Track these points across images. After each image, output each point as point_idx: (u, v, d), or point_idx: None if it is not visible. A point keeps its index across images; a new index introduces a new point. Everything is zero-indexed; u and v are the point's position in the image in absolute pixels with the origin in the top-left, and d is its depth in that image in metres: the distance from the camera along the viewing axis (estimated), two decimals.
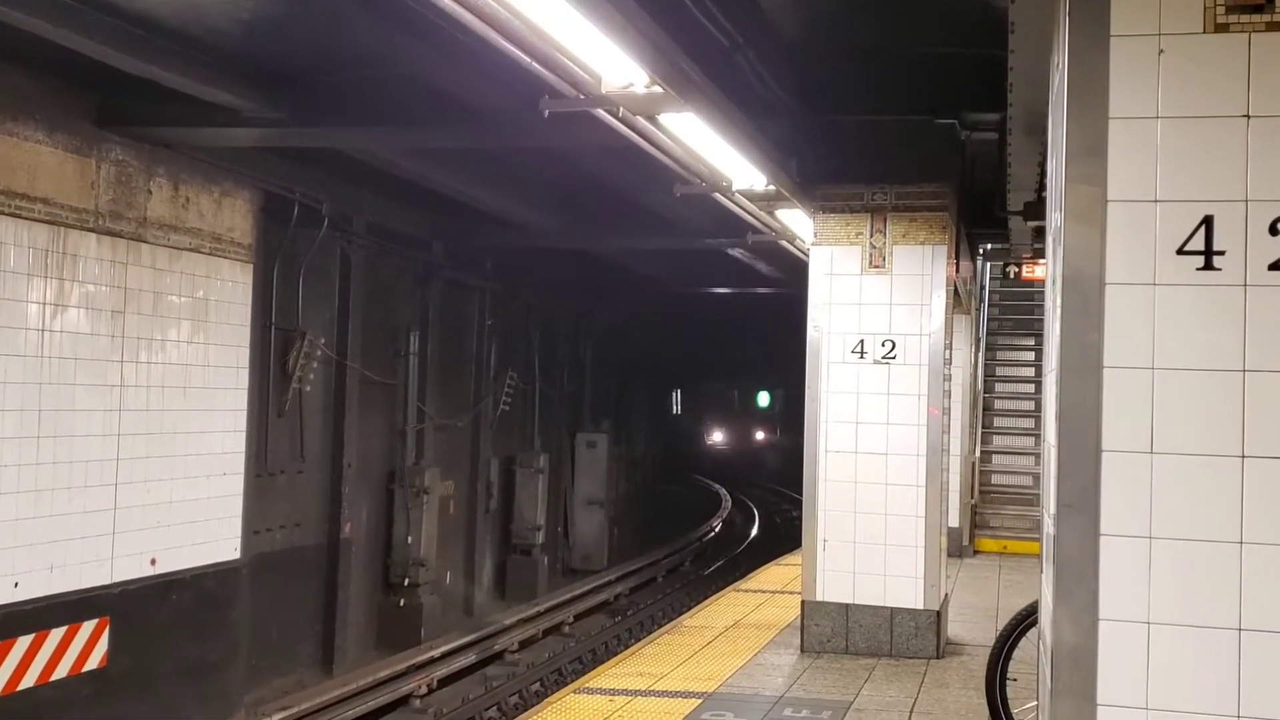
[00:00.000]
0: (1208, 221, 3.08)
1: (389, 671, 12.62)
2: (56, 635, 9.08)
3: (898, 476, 8.58)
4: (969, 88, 8.29)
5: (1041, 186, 9.02)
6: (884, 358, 8.61)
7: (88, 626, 9.38)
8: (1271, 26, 3.08)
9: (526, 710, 8.88)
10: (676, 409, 44.12)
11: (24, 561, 8.76)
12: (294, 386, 12.44)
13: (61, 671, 9.15)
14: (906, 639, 8.62)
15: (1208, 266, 3.08)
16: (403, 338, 15.21)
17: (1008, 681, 6.05)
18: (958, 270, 10.16)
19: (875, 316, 8.65)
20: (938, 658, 8.61)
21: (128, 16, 7.83)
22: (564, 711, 7.17)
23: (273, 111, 9.21)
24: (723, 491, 36.42)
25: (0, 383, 8.57)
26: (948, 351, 8.85)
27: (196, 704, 10.61)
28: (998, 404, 17.36)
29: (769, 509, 33.03)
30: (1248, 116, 3.08)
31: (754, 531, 29.25)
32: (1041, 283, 16.49)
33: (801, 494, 8.82)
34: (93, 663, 9.44)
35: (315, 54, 9.01)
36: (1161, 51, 3.12)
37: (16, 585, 8.70)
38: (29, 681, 8.87)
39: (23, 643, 8.81)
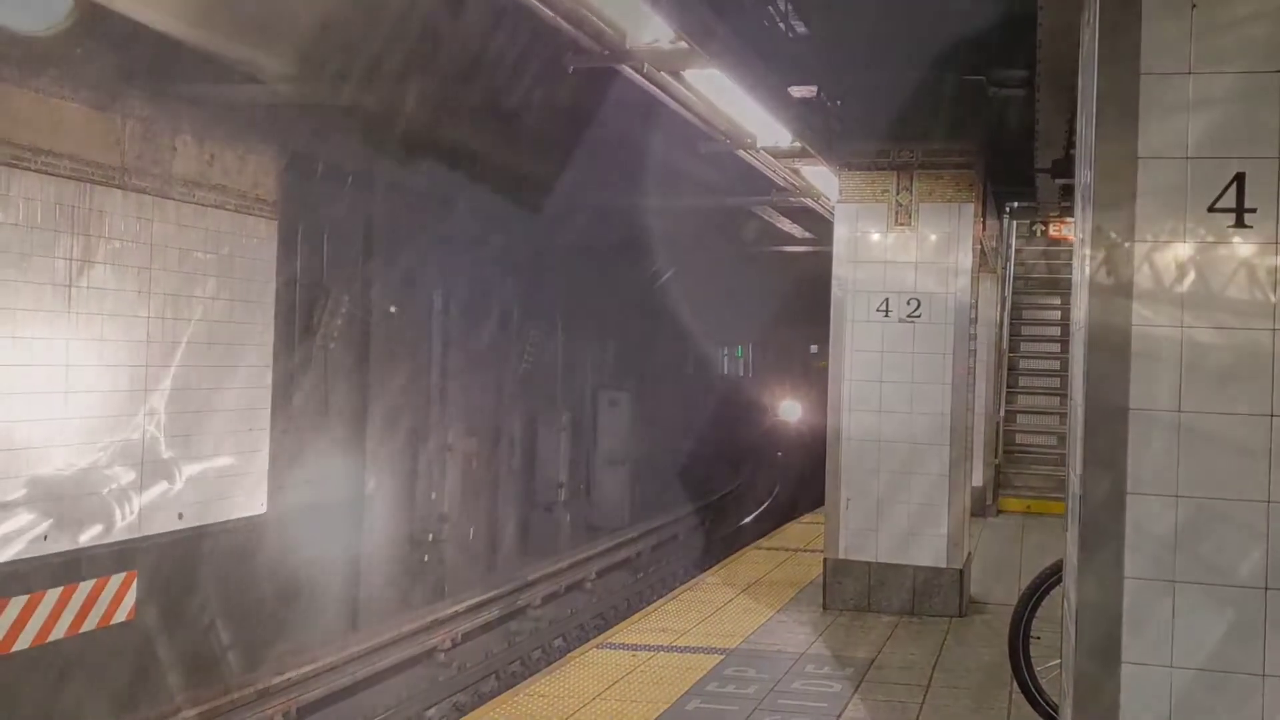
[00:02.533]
0: (1239, 179, 3.05)
1: (413, 626, 12.71)
2: (85, 588, 9.18)
3: (922, 435, 8.55)
4: (997, 44, 8.20)
5: (1070, 144, 8.94)
6: (909, 316, 8.57)
7: (116, 579, 9.47)
8: None
9: (549, 664, 8.95)
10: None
11: (53, 515, 8.84)
12: (318, 343, 12.48)
13: (90, 624, 9.25)
14: (929, 597, 8.62)
15: (1239, 224, 3.05)
16: (426, 295, 15.22)
17: (1031, 640, 6.04)
18: (984, 228, 10.09)
19: (901, 275, 8.60)
20: (960, 616, 8.62)
21: None
22: (586, 666, 7.21)
23: (296, 68, 9.19)
24: None
25: (28, 338, 8.62)
26: (973, 310, 8.79)
27: (222, 657, 10.72)
28: (1023, 363, 17.27)
29: None
30: None
31: None
32: (1069, 241, 16.38)
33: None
34: (121, 615, 9.53)
35: (339, 7, 8.97)
36: (1194, 6, 3.07)
37: (46, 538, 8.79)
38: (59, 633, 8.97)
39: (52, 595, 8.91)
